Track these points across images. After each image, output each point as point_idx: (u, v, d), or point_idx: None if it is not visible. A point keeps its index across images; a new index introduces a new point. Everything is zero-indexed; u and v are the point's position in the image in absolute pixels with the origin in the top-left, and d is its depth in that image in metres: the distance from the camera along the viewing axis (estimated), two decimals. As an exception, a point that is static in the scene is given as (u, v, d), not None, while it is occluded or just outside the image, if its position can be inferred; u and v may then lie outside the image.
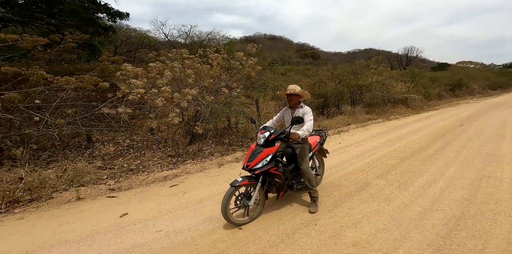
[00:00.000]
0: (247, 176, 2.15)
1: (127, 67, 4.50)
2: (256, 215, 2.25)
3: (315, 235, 1.93)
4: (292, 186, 2.43)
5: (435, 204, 2.35)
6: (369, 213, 2.23)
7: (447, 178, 3.05)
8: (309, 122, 2.30)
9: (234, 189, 2.05)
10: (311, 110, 2.40)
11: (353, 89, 11.28)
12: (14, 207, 2.50)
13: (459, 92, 19.48)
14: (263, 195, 2.28)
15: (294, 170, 2.42)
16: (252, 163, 2.05)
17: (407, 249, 1.70)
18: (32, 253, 1.79)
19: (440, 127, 7.33)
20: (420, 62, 52.54)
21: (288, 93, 2.38)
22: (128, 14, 11.02)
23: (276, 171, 2.16)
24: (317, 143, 2.75)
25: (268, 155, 2.07)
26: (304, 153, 2.36)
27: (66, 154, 4.68)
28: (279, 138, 2.19)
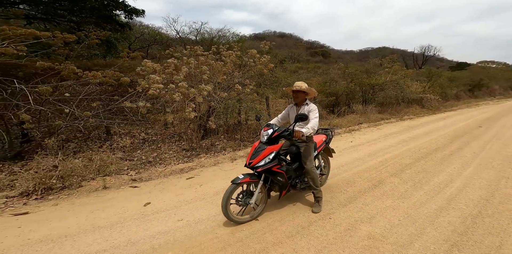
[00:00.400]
0: (249, 174, 2.11)
1: (147, 63, 4.68)
2: (258, 213, 2.21)
3: (330, 228, 2.00)
4: (296, 185, 2.38)
5: (452, 203, 2.35)
6: (384, 209, 2.28)
7: (464, 178, 3.03)
8: (314, 120, 2.23)
9: (235, 186, 2.01)
10: (317, 108, 2.35)
11: (366, 88, 11.09)
12: (48, 193, 2.73)
13: (478, 93, 18.70)
14: (266, 194, 2.24)
15: (298, 169, 2.37)
16: (254, 160, 2.01)
17: (423, 243, 1.74)
18: (71, 237, 1.97)
19: (457, 128, 7.12)
20: (437, 62, 50.51)
21: (294, 90, 2.32)
22: (144, 11, 11.32)
23: (279, 169, 2.12)
24: (322, 142, 2.69)
25: (271, 152, 2.04)
26: (309, 152, 2.31)
27: (88, 145, 4.97)
28: (282, 136, 2.15)
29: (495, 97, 19.15)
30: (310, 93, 2.39)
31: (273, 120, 2.59)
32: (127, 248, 1.79)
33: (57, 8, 8.06)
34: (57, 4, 8.05)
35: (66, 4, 8.14)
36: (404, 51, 50.70)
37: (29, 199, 2.60)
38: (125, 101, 4.62)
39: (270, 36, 62.01)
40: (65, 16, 8.54)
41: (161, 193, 2.87)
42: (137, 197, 2.77)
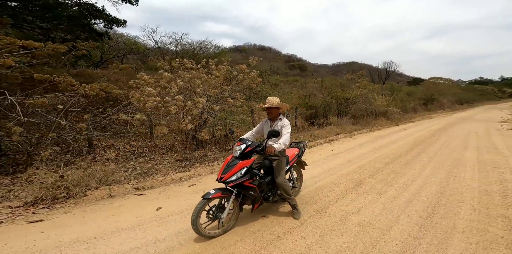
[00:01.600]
0: (221, 188, 2.13)
1: (144, 77, 4.88)
2: (230, 227, 2.22)
3: (327, 219, 2.44)
4: (268, 198, 2.43)
5: (416, 196, 2.99)
6: (367, 203, 2.81)
7: (423, 177, 3.76)
8: (286, 135, 2.30)
9: (205, 202, 2.00)
10: (290, 123, 2.42)
11: (340, 102, 12.33)
12: (54, 203, 2.73)
13: (431, 107, 21.66)
14: (238, 207, 2.25)
15: (271, 182, 2.42)
16: (226, 175, 2.02)
17: (400, 227, 2.27)
18: (100, 238, 2.09)
19: (416, 137, 8.35)
20: (397, 77, 56.93)
21: (267, 107, 2.39)
22: (126, 22, 11.32)
23: (250, 184, 2.14)
24: (295, 155, 2.75)
25: (243, 167, 2.06)
26: (280, 166, 2.37)
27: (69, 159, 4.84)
28: (255, 151, 2.19)
29: (444, 110, 22.40)
30: (283, 108, 2.46)
31: (247, 134, 2.59)
32: (157, 245, 2.00)
33: (27, 14, 7.77)
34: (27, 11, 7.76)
35: (38, 11, 7.88)
36: (370, 66, 56.44)
37: (36, 208, 2.59)
38: (120, 113, 4.71)
39: (250, 48, 64.14)
40: (34, 22, 8.18)
41: (168, 199, 3.06)
42: (146, 203, 2.92)
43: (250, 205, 2.32)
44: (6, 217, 2.43)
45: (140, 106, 4.95)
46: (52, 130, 4.34)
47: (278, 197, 2.51)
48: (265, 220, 2.45)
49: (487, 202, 2.74)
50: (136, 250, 1.94)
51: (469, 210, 2.58)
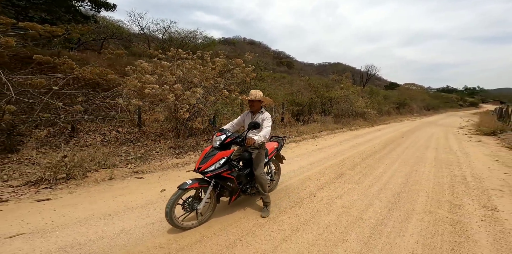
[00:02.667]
0: (198, 179, 2.10)
1: (142, 64, 4.82)
2: (206, 219, 2.21)
3: (316, 202, 2.86)
4: (246, 190, 2.44)
5: (386, 185, 3.55)
6: (348, 190, 3.28)
7: (392, 170, 4.39)
8: (267, 128, 2.32)
9: (181, 192, 1.97)
10: (271, 117, 2.44)
11: (325, 101, 13.01)
12: (56, 183, 2.77)
13: (402, 110, 23.59)
14: (215, 199, 2.23)
15: (250, 174, 2.43)
16: (204, 165, 1.99)
17: (374, 209, 2.75)
18: (115, 215, 2.26)
19: (388, 137, 9.28)
20: (376, 80, 60.15)
21: (250, 99, 2.39)
22: (115, 6, 10.60)
23: (229, 175, 2.13)
24: (274, 149, 2.80)
25: (222, 158, 2.04)
26: (259, 159, 2.39)
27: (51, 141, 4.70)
28: (235, 142, 2.18)
29: (413, 114, 24.59)
30: (265, 101, 2.46)
31: (228, 125, 2.60)
32: None
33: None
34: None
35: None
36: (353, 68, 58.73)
37: (38, 188, 2.62)
38: (115, 98, 4.65)
39: (239, 42, 62.66)
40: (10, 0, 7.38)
41: (169, 182, 3.24)
42: (148, 185, 3.09)
43: (228, 196, 2.30)
44: (10, 196, 2.45)
45: (135, 92, 4.92)
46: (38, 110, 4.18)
47: (256, 189, 2.50)
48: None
49: (438, 191, 3.38)
50: (152, 225, 2.15)
51: (425, 197, 3.18)
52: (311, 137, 8.50)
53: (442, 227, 2.41)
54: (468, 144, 7.85)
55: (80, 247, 1.78)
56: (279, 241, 2.03)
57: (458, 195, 3.26)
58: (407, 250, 1.99)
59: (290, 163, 4.68)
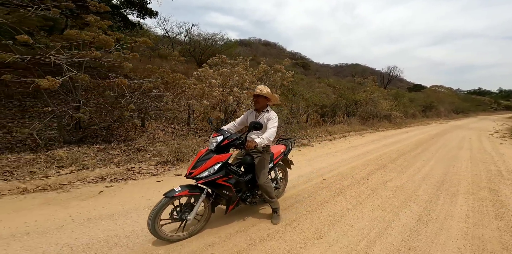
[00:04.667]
0: (189, 185, 1.87)
1: (208, 71, 5.83)
2: (197, 229, 1.98)
3: (371, 183, 3.56)
4: (246, 198, 2.17)
5: (428, 175, 4.14)
6: (394, 176, 3.94)
7: (430, 165, 4.92)
8: (272, 129, 2.07)
9: (168, 200, 1.75)
10: (277, 117, 2.20)
11: (350, 103, 13.48)
12: (173, 165, 3.76)
13: (429, 114, 23.09)
14: (209, 208, 2.00)
15: (251, 181, 2.18)
16: (196, 170, 1.78)
17: (423, 189, 3.38)
18: None
19: (418, 139, 9.58)
20: (398, 82, 58.34)
21: (255, 94, 2.16)
22: (157, 13, 11.94)
23: (225, 182, 1.90)
24: (280, 153, 2.56)
25: (217, 163, 1.82)
26: (263, 164, 2.14)
27: (129, 134, 5.84)
28: (233, 144, 1.94)
29: (441, 118, 23.92)
30: (272, 99, 2.23)
31: (229, 125, 2.36)
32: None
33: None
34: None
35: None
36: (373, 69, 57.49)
37: (167, 167, 3.62)
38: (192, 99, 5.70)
39: (255, 43, 64.02)
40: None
41: (306, 153, 4.12)
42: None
43: (224, 205, 2.06)
44: (157, 172, 3.46)
45: (198, 94, 5.94)
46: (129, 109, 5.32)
47: (259, 197, 2.27)
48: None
49: (477, 180, 3.91)
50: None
51: (465, 183, 3.75)
52: (341, 136, 9.10)
53: (485, 202, 3.00)
54: (502, 146, 8.00)
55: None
56: (354, 205, 2.78)
57: (495, 183, 3.79)
58: (461, 213, 2.63)
59: (333, 156, 5.40)
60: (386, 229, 2.24)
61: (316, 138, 8.10)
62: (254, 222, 2.25)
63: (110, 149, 4.17)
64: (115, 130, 6.09)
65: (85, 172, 3.17)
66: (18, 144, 4.27)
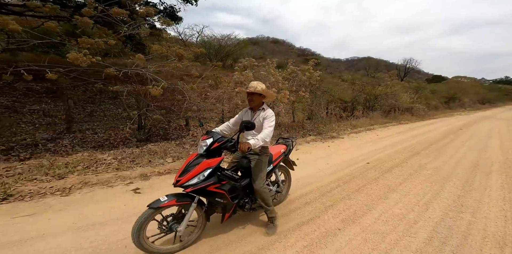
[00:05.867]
0: (177, 194, 1.74)
1: (248, 74, 6.57)
2: (192, 240, 1.86)
3: (411, 166, 4.10)
4: (244, 205, 2.03)
5: (462, 159, 4.60)
6: (430, 161, 4.45)
7: (461, 153, 5.33)
8: (268, 129, 1.92)
9: (153, 212, 1.63)
10: (274, 115, 2.05)
11: (370, 97, 13.76)
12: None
13: (452, 105, 22.56)
14: (203, 217, 1.87)
15: (249, 186, 2.04)
16: (183, 177, 1.66)
17: (460, 169, 3.89)
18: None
19: (445, 129, 9.78)
20: (415, 74, 56.37)
21: (249, 92, 2.02)
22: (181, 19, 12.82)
23: (217, 189, 1.77)
24: (280, 154, 2.39)
25: (207, 168, 1.70)
26: (260, 167, 2.01)
27: (179, 133, 6.70)
28: (224, 147, 1.78)
29: (465, 109, 23.25)
30: (268, 96, 2.08)
31: (223, 126, 2.20)
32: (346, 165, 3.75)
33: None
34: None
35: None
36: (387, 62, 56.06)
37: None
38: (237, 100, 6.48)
39: (263, 41, 64.42)
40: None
41: (339, 143, 4.80)
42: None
43: (220, 213, 1.93)
44: None
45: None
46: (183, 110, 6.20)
47: (258, 204, 2.09)
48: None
49: (509, 163, 4.33)
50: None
51: (498, 165, 4.19)
52: (366, 129, 9.52)
53: (515, 179, 3.50)
54: (535, 134, 8.10)
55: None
56: (402, 180, 3.37)
57: (528, 165, 4.22)
58: (497, 185, 3.15)
59: (365, 146, 5.93)
60: (437, 194, 2.84)
61: (343, 131, 8.62)
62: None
63: (183, 144, 5.01)
64: (167, 129, 7.02)
65: (182, 160, 4.00)
66: (106, 142, 5.24)
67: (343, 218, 2.29)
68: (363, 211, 2.43)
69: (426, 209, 2.49)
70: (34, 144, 4.37)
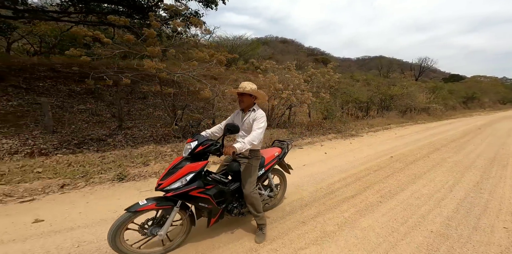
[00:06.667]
0: (159, 198, 1.72)
1: (274, 77, 7.17)
2: (175, 244, 1.86)
3: (433, 159, 4.58)
4: (233, 210, 2.01)
5: (481, 155, 5.00)
6: (450, 155, 4.88)
7: (480, 149, 5.72)
8: (257, 131, 1.87)
9: (130, 215, 1.60)
10: (265, 116, 2.00)
11: (386, 98, 14.06)
12: (269, 147, 5.15)
13: (471, 105, 22.33)
14: (187, 221, 1.87)
15: (239, 190, 2.01)
16: (165, 181, 1.64)
17: (479, 163, 4.31)
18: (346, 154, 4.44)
19: (464, 129, 10.03)
20: (431, 72, 55.22)
21: (239, 93, 1.99)
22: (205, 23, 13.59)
23: (201, 194, 1.75)
24: (274, 157, 2.33)
25: (189, 172, 1.67)
26: (249, 172, 1.98)
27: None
28: (208, 151, 1.76)
29: (485, 109, 22.93)
30: (259, 97, 2.04)
31: (214, 128, 2.16)
32: (362, 159, 4.30)
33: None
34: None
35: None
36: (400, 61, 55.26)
37: None
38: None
39: (272, 41, 64.91)
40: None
41: (360, 141, 5.35)
42: (314, 150, 5.24)
43: (206, 217, 1.91)
44: None
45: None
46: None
47: (248, 209, 2.03)
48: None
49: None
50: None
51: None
52: (383, 128, 9.91)
53: (531, 171, 3.92)
54: (556, 133, 8.27)
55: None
56: (426, 170, 3.86)
57: (544, 159, 4.60)
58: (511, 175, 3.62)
59: (386, 143, 6.39)
60: (459, 180, 3.35)
61: (361, 130, 9.07)
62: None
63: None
64: (197, 127, 7.72)
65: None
66: (150, 138, 5.98)
67: (382, 195, 2.85)
68: (397, 191, 2.97)
69: (451, 190, 3.00)
70: (98, 138, 5.14)
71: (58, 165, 3.28)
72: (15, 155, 3.99)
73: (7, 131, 4.80)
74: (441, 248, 1.85)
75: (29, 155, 4.01)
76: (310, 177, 3.48)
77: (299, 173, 3.59)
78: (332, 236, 2.00)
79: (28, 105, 6.59)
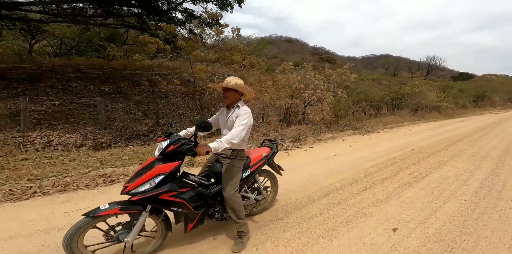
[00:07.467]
0: (125, 201, 1.57)
1: (296, 78, 7.74)
2: (148, 251, 1.75)
3: (451, 151, 5.11)
4: (214, 214, 1.89)
5: (494, 147, 5.51)
6: (467, 148, 5.41)
7: (494, 143, 6.21)
8: (238, 128, 1.73)
9: (88, 221, 1.46)
10: (250, 113, 1.86)
11: (397, 96, 14.53)
12: (300, 142, 5.72)
13: (481, 104, 22.65)
14: (162, 226, 1.74)
15: (221, 193, 1.89)
16: (131, 184, 1.51)
17: (494, 153, 4.84)
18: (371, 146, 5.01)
19: (476, 126, 10.48)
20: (439, 71, 55.29)
21: (223, 88, 1.88)
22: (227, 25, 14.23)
23: (174, 198, 1.61)
24: (261, 158, 2.20)
25: (159, 174, 1.54)
26: (230, 173, 1.86)
27: None
28: (179, 150, 1.60)
29: (495, 108, 23.21)
30: (245, 93, 1.93)
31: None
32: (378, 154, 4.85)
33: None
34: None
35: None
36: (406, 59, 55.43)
37: (298, 143, 5.60)
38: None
39: (277, 40, 65.55)
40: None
41: (378, 136, 5.90)
42: (323, 149, 5.79)
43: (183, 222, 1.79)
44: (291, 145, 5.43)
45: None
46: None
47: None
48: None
49: (539, 150, 5.26)
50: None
51: (528, 152, 5.13)
52: (397, 125, 10.42)
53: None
54: None
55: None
56: (446, 160, 4.39)
57: (555, 151, 5.10)
58: None
59: (403, 138, 6.90)
60: (478, 167, 3.91)
61: (376, 127, 9.59)
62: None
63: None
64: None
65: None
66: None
67: (414, 176, 3.42)
68: (426, 174, 3.55)
69: (473, 174, 3.56)
70: (143, 134, 5.77)
71: (135, 153, 3.89)
72: (81, 148, 4.61)
73: (64, 127, 5.44)
74: (476, 210, 2.45)
75: (93, 148, 4.63)
76: (346, 164, 4.05)
77: (335, 160, 4.20)
78: (385, 201, 2.61)
79: (69, 105, 7.27)
